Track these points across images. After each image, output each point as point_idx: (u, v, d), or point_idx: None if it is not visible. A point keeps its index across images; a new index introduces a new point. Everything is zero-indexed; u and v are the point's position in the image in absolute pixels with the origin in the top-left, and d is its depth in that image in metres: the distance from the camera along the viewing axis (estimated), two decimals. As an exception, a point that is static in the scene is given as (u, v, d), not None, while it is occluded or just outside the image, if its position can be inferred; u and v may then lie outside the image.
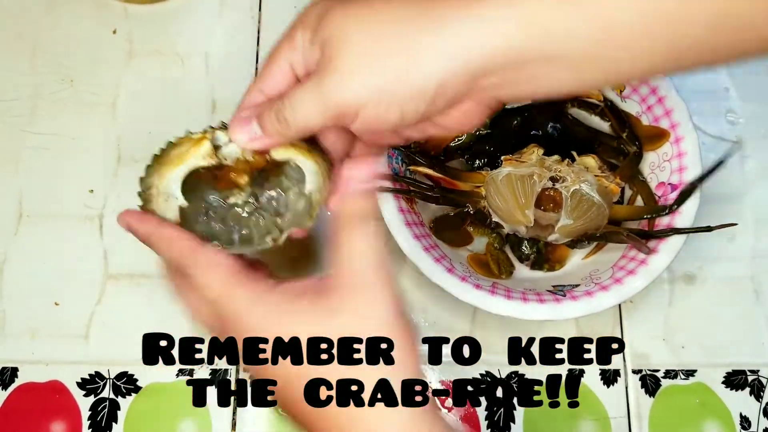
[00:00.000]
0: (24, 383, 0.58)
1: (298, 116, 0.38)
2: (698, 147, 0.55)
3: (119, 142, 0.64)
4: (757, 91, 0.65)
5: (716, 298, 0.60)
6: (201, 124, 0.63)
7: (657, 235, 0.54)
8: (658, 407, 0.57)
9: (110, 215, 0.62)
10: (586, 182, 0.54)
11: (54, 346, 0.59)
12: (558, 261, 0.59)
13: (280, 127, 0.39)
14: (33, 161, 0.64)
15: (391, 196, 0.55)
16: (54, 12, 0.68)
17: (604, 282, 0.54)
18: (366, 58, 0.36)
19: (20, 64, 0.66)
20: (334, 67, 0.37)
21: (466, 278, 0.53)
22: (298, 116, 0.38)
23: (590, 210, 0.54)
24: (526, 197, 0.54)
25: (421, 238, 0.54)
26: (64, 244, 0.61)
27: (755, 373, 0.58)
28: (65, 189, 0.63)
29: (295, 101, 0.38)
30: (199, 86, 0.65)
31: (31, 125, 0.64)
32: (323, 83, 0.37)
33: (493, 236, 0.59)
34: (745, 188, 0.63)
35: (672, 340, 0.59)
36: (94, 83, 0.66)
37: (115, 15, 0.68)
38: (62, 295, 0.60)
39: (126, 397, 0.57)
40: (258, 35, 0.67)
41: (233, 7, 0.68)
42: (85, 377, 0.58)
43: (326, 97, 0.37)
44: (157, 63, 0.66)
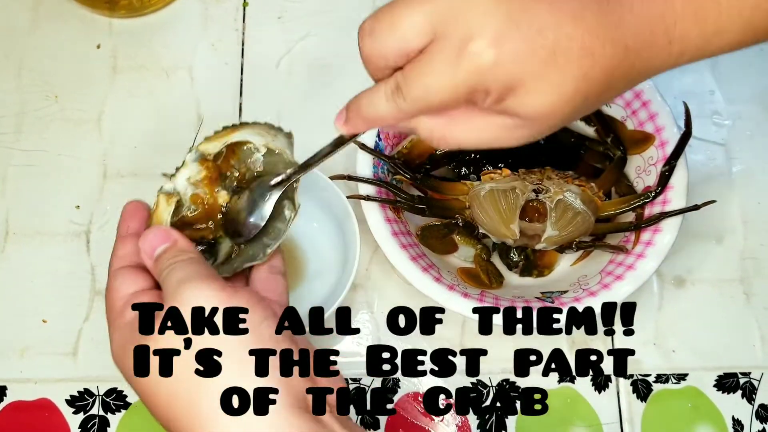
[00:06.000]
0: (13, 402, 0.58)
1: (419, 89, 0.35)
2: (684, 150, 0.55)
3: (105, 157, 0.64)
4: (743, 93, 0.65)
5: (706, 301, 0.60)
6: (187, 138, 0.64)
7: (647, 223, 0.54)
8: (650, 412, 0.57)
9: (97, 231, 0.62)
10: (569, 191, 0.54)
11: (42, 363, 0.58)
12: (547, 266, 0.59)
13: (395, 100, 0.36)
14: (19, 178, 0.63)
15: (378, 206, 0.55)
16: (39, 29, 0.68)
17: (592, 288, 0.54)
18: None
19: (5, 82, 0.66)
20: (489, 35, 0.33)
21: (454, 287, 0.53)
22: (419, 89, 0.35)
23: (575, 219, 0.54)
24: (510, 211, 0.54)
25: (408, 248, 0.54)
26: (51, 260, 0.61)
27: (747, 376, 0.58)
28: (52, 206, 0.63)
29: (420, 70, 0.35)
30: (184, 100, 0.65)
31: (17, 142, 0.64)
32: (466, 50, 0.33)
33: (480, 247, 0.59)
34: (732, 190, 0.63)
35: (663, 344, 0.59)
36: (80, 99, 0.66)
37: (100, 30, 0.68)
38: (50, 312, 0.60)
39: (115, 413, 0.57)
40: (242, 48, 0.67)
41: (217, 21, 0.68)
42: (74, 394, 0.58)
43: (466, 64, 0.34)
44: (141, 77, 0.66)
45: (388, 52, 0.35)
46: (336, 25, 0.68)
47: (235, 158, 0.45)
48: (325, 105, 0.65)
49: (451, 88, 0.34)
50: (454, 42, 0.34)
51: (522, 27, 0.33)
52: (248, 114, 0.65)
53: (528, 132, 0.37)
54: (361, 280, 0.60)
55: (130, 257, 0.42)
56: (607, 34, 0.34)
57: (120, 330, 0.39)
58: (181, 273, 0.39)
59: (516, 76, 0.34)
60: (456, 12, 0.34)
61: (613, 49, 0.35)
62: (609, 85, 0.36)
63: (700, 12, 0.35)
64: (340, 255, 0.58)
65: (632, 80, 0.37)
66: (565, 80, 0.34)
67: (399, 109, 0.36)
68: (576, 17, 0.34)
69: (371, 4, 0.68)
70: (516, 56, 0.33)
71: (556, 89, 0.34)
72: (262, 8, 0.68)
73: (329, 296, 0.56)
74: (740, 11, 0.36)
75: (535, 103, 0.35)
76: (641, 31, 0.35)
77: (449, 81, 0.34)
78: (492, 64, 0.33)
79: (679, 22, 0.35)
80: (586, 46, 0.34)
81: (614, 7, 0.35)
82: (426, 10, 0.34)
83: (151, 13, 0.68)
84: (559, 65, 0.34)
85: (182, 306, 0.37)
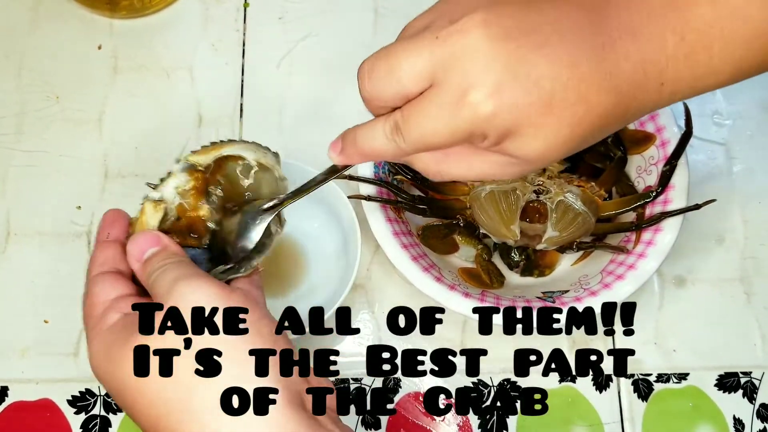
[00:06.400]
0: (14, 402, 0.58)
1: (418, 131, 0.36)
2: (684, 150, 0.55)
3: (106, 158, 0.64)
4: (743, 93, 0.65)
5: (707, 301, 0.60)
6: (187, 138, 0.64)
7: (647, 223, 0.54)
8: (651, 412, 0.57)
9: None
10: (570, 192, 0.54)
11: (44, 364, 0.58)
12: (548, 266, 0.59)
13: (394, 139, 0.37)
14: (20, 179, 0.63)
15: (379, 206, 0.55)
16: (39, 29, 0.68)
17: (593, 287, 0.54)
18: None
19: (6, 82, 0.66)
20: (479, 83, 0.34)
21: (455, 287, 0.53)
22: (418, 131, 0.36)
23: (576, 220, 0.54)
24: (511, 213, 0.55)
25: (409, 248, 0.54)
26: (52, 261, 0.61)
27: (748, 375, 0.58)
28: (52, 206, 0.63)
29: (419, 114, 0.36)
30: (185, 100, 0.65)
31: (18, 143, 0.64)
32: (465, 99, 0.34)
33: (480, 247, 0.59)
34: (733, 189, 0.63)
35: (663, 343, 0.59)
36: (80, 100, 0.66)
37: (100, 30, 0.68)
38: (51, 312, 0.60)
39: (117, 413, 0.57)
40: (243, 48, 0.67)
41: (217, 21, 0.68)
42: (76, 395, 0.58)
43: (465, 112, 0.35)
44: (142, 78, 0.66)
45: (387, 95, 0.36)
46: (337, 25, 0.68)
47: (221, 173, 0.45)
48: (326, 106, 0.65)
49: (450, 133, 0.35)
50: (454, 90, 0.34)
51: (520, 77, 0.34)
52: (248, 114, 0.65)
53: (521, 169, 0.38)
54: (362, 280, 0.60)
55: (110, 263, 0.42)
56: (603, 81, 0.35)
57: (101, 335, 0.38)
58: (175, 273, 0.38)
59: (513, 123, 0.35)
60: (455, 60, 0.34)
61: (607, 95, 0.35)
62: (603, 127, 0.37)
63: (692, 55, 0.36)
64: (341, 255, 0.58)
65: (626, 120, 0.38)
66: (561, 127, 0.35)
67: (398, 148, 0.37)
68: (572, 66, 0.34)
69: (372, 4, 0.68)
70: (514, 106, 0.34)
71: (551, 135, 0.35)
72: (262, 9, 0.68)
73: (330, 296, 0.56)
74: (732, 53, 0.36)
75: (531, 147, 0.36)
76: (635, 76, 0.36)
77: (448, 126, 0.35)
78: (490, 113, 0.34)
79: (671, 65, 0.36)
80: (582, 94, 0.35)
81: (609, 53, 0.35)
82: (425, 56, 0.35)
83: (152, 13, 0.68)
84: (555, 113, 0.35)
85: (180, 303, 0.36)
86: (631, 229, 0.55)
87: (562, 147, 0.36)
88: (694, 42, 0.35)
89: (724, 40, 0.35)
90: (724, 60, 0.36)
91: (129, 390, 0.36)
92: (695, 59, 0.36)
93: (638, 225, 0.55)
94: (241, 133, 0.64)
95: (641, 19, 0.35)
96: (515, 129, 0.35)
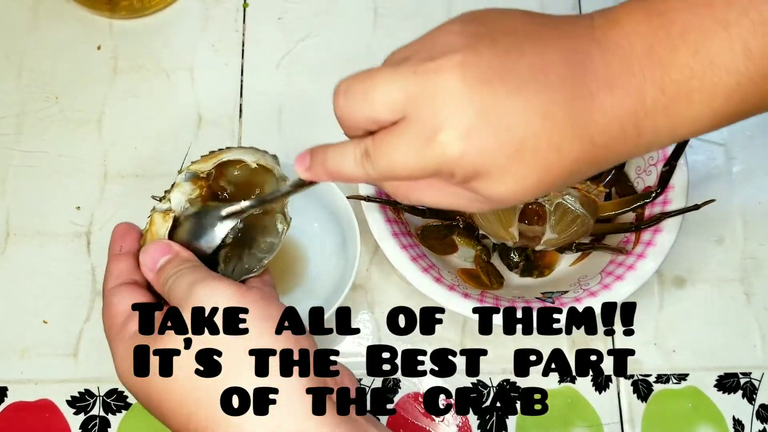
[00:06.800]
0: (13, 402, 0.58)
1: (387, 161, 0.36)
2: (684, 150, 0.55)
3: (106, 158, 0.64)
4: (743, 93, 0.65)
5: (707, 301, 0.60)
6: (187, 139, 0.64)
7: (647, 223, 0.54)
8: (651, 412, 0.57)
9: (97, 232, 0.62)
10: (569, 195, 0.54)
11: (43, 364, 0.58)
12: (547, 266, 0.59)
13: (363, 165, 0.37)
14: (19, 179, 0.64)
15: (378, 206, 0.55)
16: (39, 30, 0.68)
17: (592, 288, 0.54)
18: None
19: (5, 83, 0.66)
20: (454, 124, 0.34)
21: (454, 287, 0.53)
22: (387, 161, 0.36)
23: (575, 222, 0.54)
24: (509, 216, 0.55)
25: (408, 248, 0.54)
26: (51, 261, 0.61)
27: (747, 376, 0.58)
28: (52, 206, 0.63)
29: (389, 145, 0.35)
30: (185, 101, 0.65)
31: (18, 143, 0.64)
32: (435, 138, 0.34)
33: (479, 248, 0.59)
34: (733, 190, 0.63)
35: (663, 344, 0.59)
36: (80, 100, 0.66)
37: (100, 31, 0.68)
38: (51, 313, 0.60)
39: (116, 414, 0.57)
40: (242, 48, 0.67)
41: (217, 21, 0.68)
42: (75, 395, 0.58)
43: (434, 151, 0.34)
44: (142, 78, 0.66)
45: (359, 118, 0.36)
46: (336, 25, 0.68)
47: (224, 179, 0.47)
48: (326, 106, 0.65)
49: (419, 168, 0.35)
50: (425, 128, 0.34)
51: (492, 122, 0.34)
52: (248, 114, 0.65)
53: (489, 206, 0.38)
54: (362, 280, 0.60)
55: (126, 275, 0.43)
56: (575, 132, 0.34)
57: (124, 343, 0.39)
58: (190, 277, 0.39)
59: (481, 166, 0.34)
60: (429, 97, 0.34)
61: (581, 145, 0.35)
62: (574, 173, 0.36)
63: (671, 107, 0.35)
64: (340, 255, 0.58)
65: (599, 167, 0.37)
66: (529, 173, 0.35)
67: (366, 174, 0.37)
68: (546, 116, 0.34)
69: (372, 5, 0.68)
70: (483, 150, 0.34)
71: (519, 181, 0.35)
72: (262, 9, 0.68)
73: (330, 296, 0.56)
74: (710, 103, 0.35)
75: (498, 190, 0.35)
76: (611, 129, 0.35)
77: (416, 161, 0.35)
78: (459, 155, 0.34)
79: (649, 117, 0.35)
80: (554, 143, 0.34)
81: (586, 105, 0.34)
82: (400, 87, 0.34)
83: (152, 14, 0.68)
84: (524, 160, 0.34)
85: (202, 304, 0.38)
86: (630, 229, 0.55)
87: (531, 191, 0.36)
88: (674, 94, 0.35)
89: (704, 91, 0.35)
90: (702, 111, 0.35)
91: (156, 391, 0.37)
92: (674, 110, 0.35)
93: (638, 225, 0.55)
94: (241, 132, 0.64)
95: (622, 70, 0.35)
96: (483, 171, 0.35)
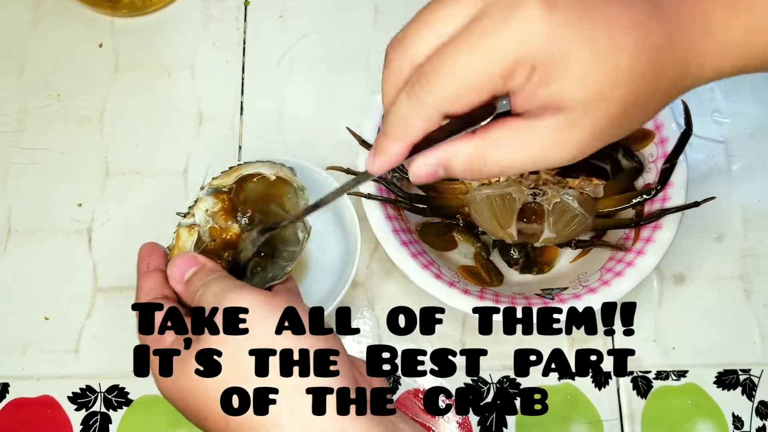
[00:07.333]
0: (15, 399, 0.58)
1: (448, 69, 0.30)
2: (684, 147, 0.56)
3: (107, 155, 0.64)
4: (743, 91, 0.66)
5: (706, 298, 0.60)
6: (188, 136, 0.64)
7: (647, 220, 0.54)
8: (651, 409, 0.57)
9: (99, 229, 0.62)
10: (567, 194, 0.54)
11: (44, 360, 0.59)
12: (547, 263, 0.59)
13: (417, 94, 0.31)
14: (21, 176, 0.64)
15: (378, 204, 0.55)
16: (40, 28, 0.68)
17: (592, 284, 0.54)
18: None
19: (7, 80, 0.66)
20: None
21: (454, 284, 0.53)
22: (448, 69, 0.30)
23: (573, 221, 0.54)
24: (507, 215, 0.55)
25: (408, 245, 0.54)
26: (53, 258, 0.61)
27: (747, 373, 0.58)
28: (54, 203, 0.63)
29: (452, 49, 0.30)
30: (185, 98, 0.66)
31: (19, 141, 0.65)
32: (514, 15, 0.29)
33: (479, 245, 0.59)
34: (732, 188, 0.63)
35: (662, 341, 0.59)
36: (81, 98, 0.66)
37: (102, 29, 0.68)
38: (52, 309, 0.60)
39: (117, 410, 0.57)
40: (243, 46, 0.67)
41: (218, 20, 0.68)
42: (76, 391, 0.58)
43: (510, 32, 0.29)
44: (143, 76, 0.66)
45: (420, 47, 0.31)
46: (337, 23, 0.68)
47: (243, 194, 0.49)
48: (327, 104, 0.66)
49: (488, 64, 0.30)
50: (499, 10, 0.29)
51: (578, 4, 0.30)
52: (249, 112, 0.65)
53: (577, 137, 0.32)
54: (362, 278, 0.60)
55: (156, 290, 0.44)
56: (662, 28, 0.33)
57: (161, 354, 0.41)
58: (218, 287, 0.41)
59: (569, 47, 0.30)
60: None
61: (657, 37, 0.32)
62: (653, 85, 0.33)
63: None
64: (340, 252, 0.58)
65: (668, 95, 0.34)
66: (618, 56, 0.31)
67: (420, 103, 0.31)
68: (630, 7, 0.32)
69: (372, 2, 0.68)
70: (571, 25, 0.30)
71: (610, 64, 0.31)
72: (263, 7, 0.68)
73: (329, 294, 0.56)
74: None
75: (585, 86, 0.31)
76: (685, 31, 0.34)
77: (488, 56, 0.30)
78: (544, 33, 0.29)
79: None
80: (637, 20, 0.32)
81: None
82: (466, 3, 0.31)
83: (153, 12, 0.68)
84: (610, 35, 0.31)
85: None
86: (630, 225, 0.55)
87: (614, 88, 0.31)
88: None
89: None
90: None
91: (193, 393, 0.38)
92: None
93: (637, 222, 0.55)
94: (242, 130, 0.65)
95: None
96: (570, 56, 0.30)
